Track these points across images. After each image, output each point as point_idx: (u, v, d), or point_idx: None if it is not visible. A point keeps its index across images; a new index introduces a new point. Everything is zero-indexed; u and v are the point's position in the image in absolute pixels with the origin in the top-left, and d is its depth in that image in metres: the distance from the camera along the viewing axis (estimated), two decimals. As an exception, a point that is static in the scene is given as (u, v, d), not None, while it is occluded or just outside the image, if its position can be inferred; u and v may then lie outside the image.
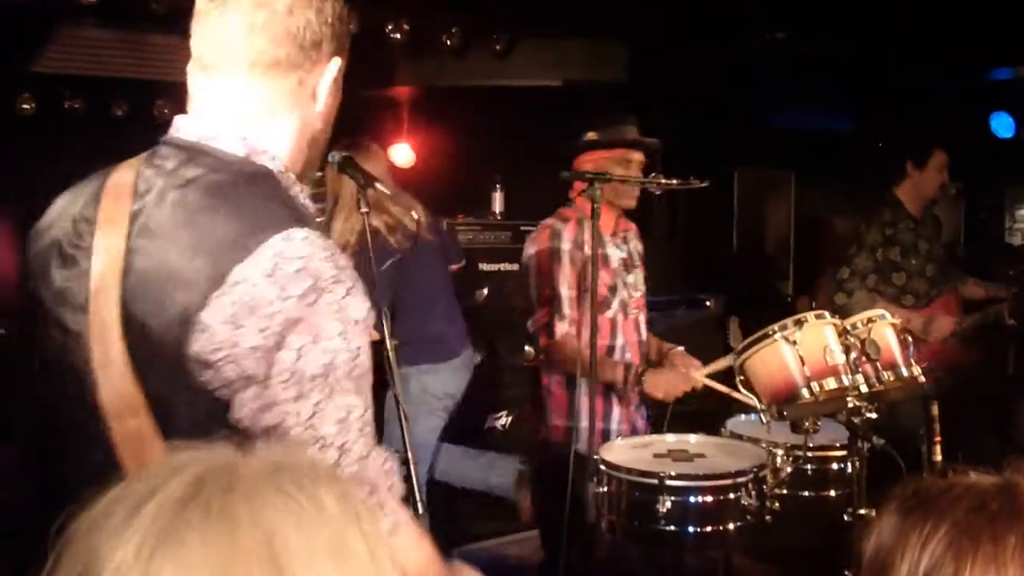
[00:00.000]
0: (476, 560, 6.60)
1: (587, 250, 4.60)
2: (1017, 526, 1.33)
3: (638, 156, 4.76)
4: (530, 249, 4.80)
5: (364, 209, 3.85)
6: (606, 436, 4.69)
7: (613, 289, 4.77)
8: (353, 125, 8.50)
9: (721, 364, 4.50)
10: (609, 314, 4.76)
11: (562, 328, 4.63)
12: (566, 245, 4.67)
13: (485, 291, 7.73)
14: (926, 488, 1.45)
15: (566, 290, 4.64)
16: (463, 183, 8.78)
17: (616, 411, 4.80)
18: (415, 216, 3.94)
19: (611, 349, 4.78)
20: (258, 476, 1.08)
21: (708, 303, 8.80)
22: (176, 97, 7.44)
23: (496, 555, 7.16)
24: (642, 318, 5.03)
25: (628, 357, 4.85)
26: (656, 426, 4.93)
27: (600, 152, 4.74)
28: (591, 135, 4.76)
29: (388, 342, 3.74)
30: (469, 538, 7.31)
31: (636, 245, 5.05)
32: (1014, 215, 13.11)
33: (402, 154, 9.38)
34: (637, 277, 4.96)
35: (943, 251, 6.89)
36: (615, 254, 4.84)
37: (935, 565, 1.34)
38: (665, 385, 4.46)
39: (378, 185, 3.93)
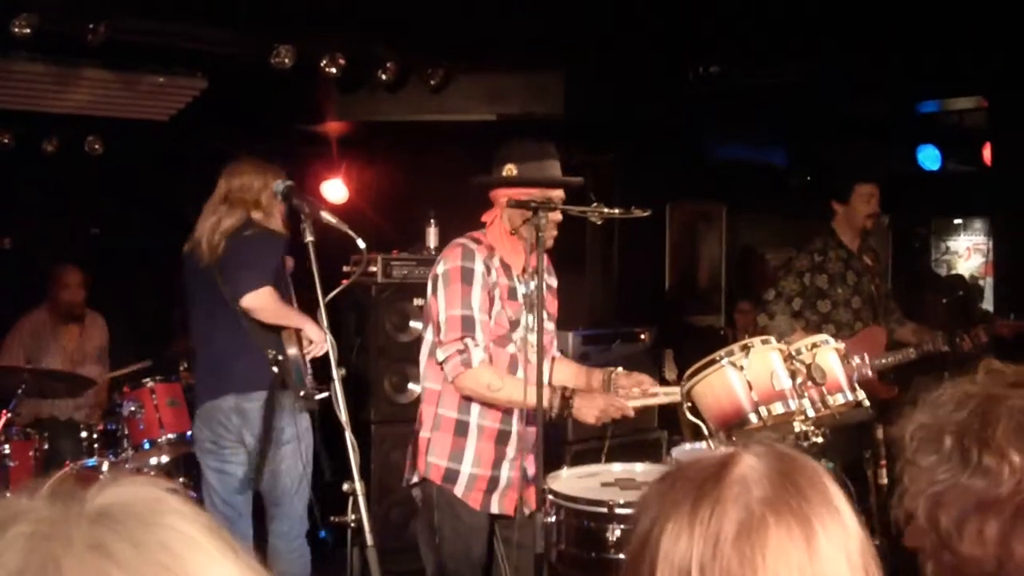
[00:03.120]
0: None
1: (494, 277, 4.50)
2: (713, 494, 1.45)
3: (559, 194, 4.55)
4: (440, 267, 4.53)
5: (310, 238, 3.83)
6: (493, 484, 4.53)
7: (515, 324, 4.56)
8: (286, 160, 8.52)
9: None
10: (511, 348, 4.55)
11: (478, 355, 4.38)
12: (479, 267, 4.46)
13: (420, 325, 7.72)
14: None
15: (479, 314, 4.42)
16: (397, 218, 8.77)
17: (507, 459, 4.56)
18: (360, 245, 3.93)
19: None
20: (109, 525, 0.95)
21: (642, 336, 8.80)
22: (107, 132, 7.38)
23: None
24: (546, 357, 4.76)
25: None
26: (594, 457, 4.90)
27: (522, 189, 4.53)
28: (509, 167, 4.58)
29: (335, 371, 3.72)
30: (412, 574, 7.26)
31: (547, 279, 4.78)
32: (940, 246, 13.31)
33: (335, 190, 9.35)
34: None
35: (878, 289, 6.96)
36: (520, 290, 4.60)
37: (656, 518, 1.48)
38: (596, 410, 4.32)
39: (323, 214, 3.92)
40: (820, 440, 3.93)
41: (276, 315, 5.54)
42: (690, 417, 4.10)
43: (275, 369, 5.08)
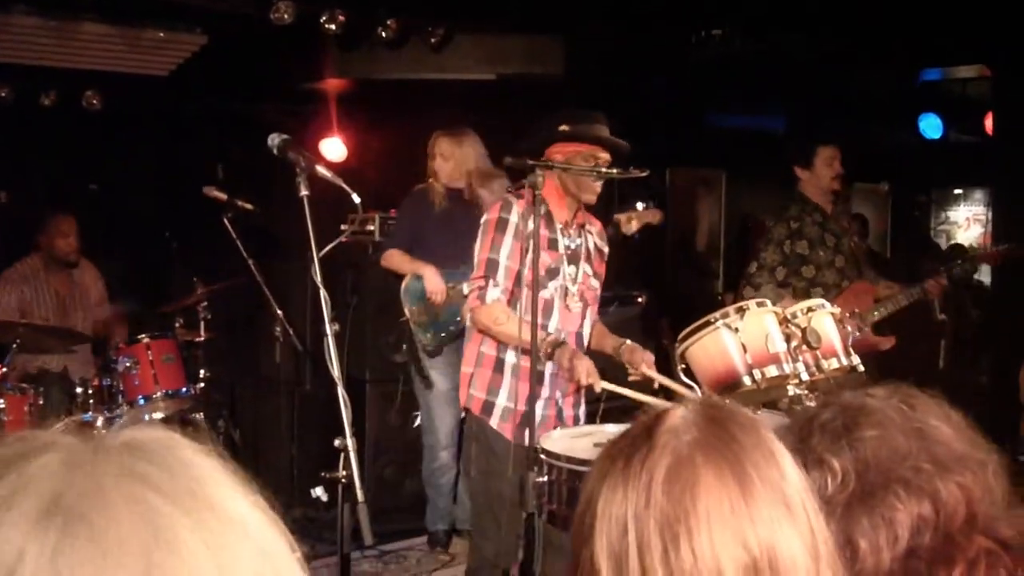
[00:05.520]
0: (413, 553, 6.56)
1: (531, 228, 4.61)
2: (644, 447, 1.49)
3: (605, 155, 4.76)
4: (483, 217, 4.94)
5: (304, 192, 3.81)
6: (526, 419, 4.56)
7: (553, 272, 4.81)
8: (285, 117, 8.48)
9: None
10: (545, 294, 4.78)
11: (494, 294, 4.75)
12: (514, 218, 4.76)
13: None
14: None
15: (505, 260, 4.76)
16: (396, 177, 8.74)
17: (541, 397, 4.81)
18: (356, 200, 3.92)
19: (542, 328, 4.73)
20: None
21: (639, 300, 8.79)
22: (106, 87, 7.33)
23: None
24: (589, 312, 5.06)
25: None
26: (588, 421, 4.97)
27: (570, 145, 4.74)
28: (563, 127, 4.76)
29: (328, 326, 3.71)
30: (405, 534, 7.30)
31: (594, 241, 5.14)
32: (940, 216, 13.30)
33: (334, 148, 9.31)
34: (581, 270, 4.97)
35: (857, 247, 6.96)
36: (563, 242, 4.88)
37: (595, 479, 1.53)
38: (567, 360, 4.48)
39: (318, 168, 3.89)
40: (814, 404, 3.92)
41: (399, 269, 6.87)
42: (684, 379, 4.10)
43: None
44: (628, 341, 4.94)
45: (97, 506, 0.87)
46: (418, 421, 7.26)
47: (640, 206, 5.97)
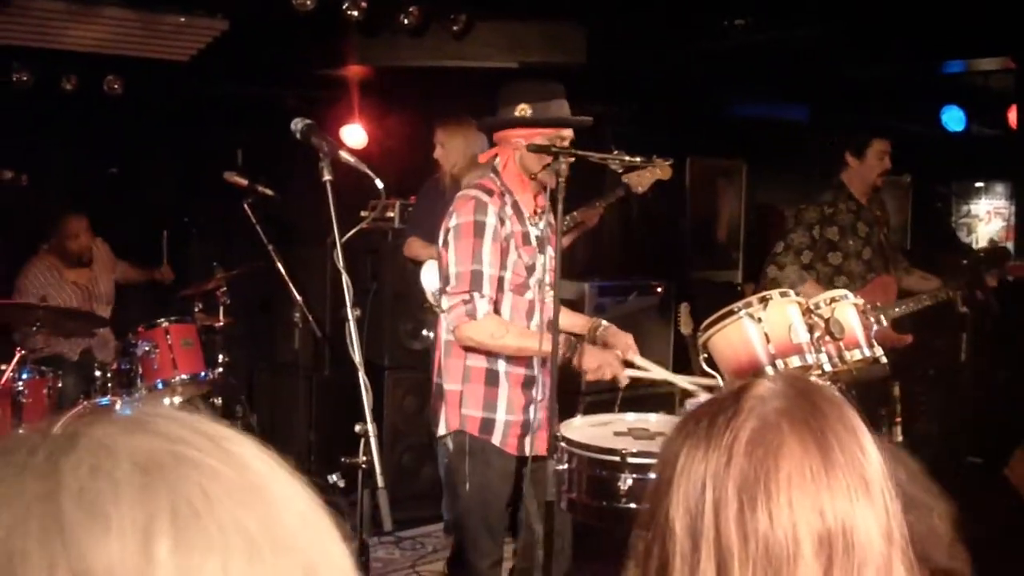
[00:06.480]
0: (430, 540, 6.57)
1: (508, 227, 4.51)
2: (730, 411, 1.50)
3: (568, 134, 4.55)
4: (452, 220, 4.54)
5: (327, 177, 3.80)
6: (526, 428, 4.58)
7: (531, 269, 4.59)
8: (306, 104, 8.45)
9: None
10: (528, 295, 4.59)
11: (484, 307, 4.41)
12: (491, 219, 4.46)
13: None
14: None
15: (488, 268, 4.44)
16: (416, 164, 8.74)
17: (534, 402, 4.61)
18: (379, 185, 3.91)
19: (529, 329, 4.58)
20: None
21: (658, 289, 8.78)
22: (126, 71, 7.32)
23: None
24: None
25: None
26: (607, 409, 4.90)
27: (532, 129, 4.55)
28: (523, 107, 4.55)
29: (350, 311, 3.70)
30: (422, 521, 7.30)
31: (548, 219, 4.76)
32: (961, 209, 13.22)
33: (354, 135, 9.31)
34: (547, 256, 4.69)
35: (887, 239, 6.94)
36: (533, 232, 4.63)
37: (677, 443, 1.53)
38: (595, 362, 4.35)
39: (342, 153, 3.88)
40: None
41: (418, 257, 7.06)
42: (706, 369, 4.08)
43: None
44: (604, 322, 4.74)
45: (187, 464, 0.83)
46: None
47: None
